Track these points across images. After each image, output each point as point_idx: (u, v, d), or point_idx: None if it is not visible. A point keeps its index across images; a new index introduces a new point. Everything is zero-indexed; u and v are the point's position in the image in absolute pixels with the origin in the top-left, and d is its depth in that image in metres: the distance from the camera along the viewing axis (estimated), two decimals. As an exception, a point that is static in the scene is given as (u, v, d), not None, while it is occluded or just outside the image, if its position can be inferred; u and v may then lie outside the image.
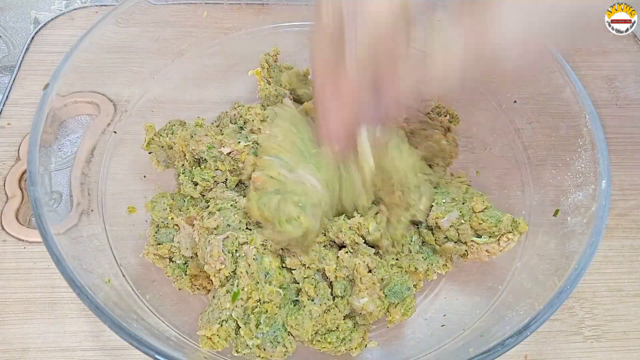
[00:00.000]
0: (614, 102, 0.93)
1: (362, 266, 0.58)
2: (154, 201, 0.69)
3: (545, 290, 0.57)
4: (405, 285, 0.63)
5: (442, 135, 0.72)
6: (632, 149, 0.87)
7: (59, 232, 0.58)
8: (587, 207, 0.62)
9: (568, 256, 0.60)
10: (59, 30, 0.94)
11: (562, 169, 0.70)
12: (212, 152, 0.67)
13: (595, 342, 0.70)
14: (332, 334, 0.59)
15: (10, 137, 0.81)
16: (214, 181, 0.69)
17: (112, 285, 0.61)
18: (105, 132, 0.75)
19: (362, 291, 0.58)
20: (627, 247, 0.78)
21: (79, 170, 0.70)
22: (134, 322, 0.56)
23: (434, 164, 0.73)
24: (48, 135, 0.63)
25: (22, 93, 0.86)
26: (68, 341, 0.67)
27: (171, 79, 0.83)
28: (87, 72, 0.71)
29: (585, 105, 0.66)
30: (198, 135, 0.67)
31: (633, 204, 0.82)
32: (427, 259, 0.68)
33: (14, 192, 0.76)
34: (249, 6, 0.87)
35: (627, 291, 0.74)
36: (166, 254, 0.65)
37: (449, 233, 0.66)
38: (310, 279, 0.60)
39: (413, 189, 0.66)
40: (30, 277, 0.71)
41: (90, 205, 0.68)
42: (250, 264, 0.58)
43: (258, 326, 0.57)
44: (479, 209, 0.65)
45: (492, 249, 0.65)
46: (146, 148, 0.71)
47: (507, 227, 0.64)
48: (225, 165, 0.67)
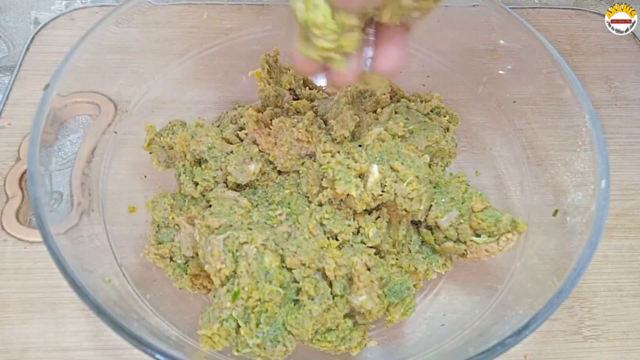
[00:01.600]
0: (613, 102, 0.93)
1: (360, 264, 0.58)
2: (154, 201, 0.69)
3: (545, 290, 0.58)
4: (405, 285, 0.63)
5: (442, 136, 0.72)
6: (632, 149, 0.87)
7: (59, 232, 0.58)
8: (586, 207, 0.62)
9: (567, 256, 0.60)
10: (59, 30, 0.94)
11: (561, 168, 0.70)
12: (213, 152, 0.68)
13: (595, 342, 0.70)
14: (332, 333, 0.59)
15: (11, 137, 0.82)
16: (214, 181, 0.69)
17: (113, 285, 0.62)
18: (106, 132, 0.75)
19: (360, 289, 0.58)
20: (626, 247, 0.78)
21: (80, 170, 0.70)
22: (134, 322, 0.56)
23: (433, 164, 0.73)
24: (48, 135, 0.63)
25: (22, 93, 0.86)
26: (68, 341, 0.67)
27: (172, 79, 0.83)
28: (88, 72, 0.71)
29: (585, 105, 0.66)
30: (199, 135, 0.67)
31: (633, 204, 0.82)
32: (426, 259, 0.68)
33: (15, 192, 0.76)
34: (250, 7, 0.87)
35: (627, 291, 0.75)
36: (167, 253, 0.65)
37: (449, 232, 0.66)
38: (310, 278, 0.60)
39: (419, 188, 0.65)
40: (30, 277, 0.71)
41: (91, 205, 0.69)
42: (250, 264, 0.58)
43: (258, 325, 0.57)
44: (478, 208, 0.65)
45: (491, 248, 0.65)
46: (147, 148, 0.71)
47: (507, 227, 0.64)
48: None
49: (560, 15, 1.04)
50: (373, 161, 0.64)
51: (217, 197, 0.67)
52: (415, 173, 0.64)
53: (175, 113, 0.78)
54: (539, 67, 0.73)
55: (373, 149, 0.66)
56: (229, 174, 0.67)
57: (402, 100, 0.78)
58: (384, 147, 0.66)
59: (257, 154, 0.68)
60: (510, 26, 0.76)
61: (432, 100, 0.79)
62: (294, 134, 0.66)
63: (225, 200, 0.65)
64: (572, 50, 0.98)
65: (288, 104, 0.76)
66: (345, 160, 0.64)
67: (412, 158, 0.66)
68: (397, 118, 0.72)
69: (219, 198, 0.67)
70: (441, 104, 0.79)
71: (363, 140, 0.68)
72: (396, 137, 0.68)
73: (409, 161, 0.65)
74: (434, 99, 0.79)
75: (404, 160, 0.65)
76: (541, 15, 1.04)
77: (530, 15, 1.03)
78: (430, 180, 0.69)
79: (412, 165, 0.65)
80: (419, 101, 0.78)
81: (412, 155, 0.66)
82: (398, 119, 0.71)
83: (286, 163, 0.68)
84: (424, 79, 0.86)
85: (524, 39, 0.74)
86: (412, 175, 0.63)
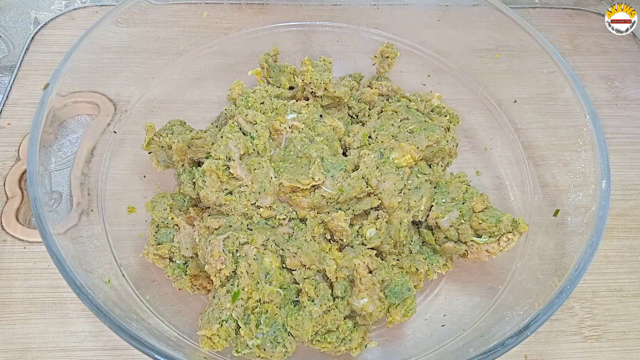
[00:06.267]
0: (614, 102, 0.93)
1: (362, 267, 0.58)
2: (154, 201, 0.69)
3: (546, 291, 0.57)
4: (406, 286, 0.63)
5: (442, 135, 0.72)
6: (632, 149, 0.87)
7: (59, 232, 0.58)
8: (587, 207, 0.62)
9: (568, 256, 0.60)
10: (59, 30, 0.94)
11: (562, 169, 0.70)
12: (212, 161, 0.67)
13: (595, 342, 0.70)
14: (332, 334, 0.59)
15: (10, 137, 0.81)
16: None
17: (112, 285, 0.61)
18: (105, 132, 0.75)
19: (362, 292, 0.58)
20: (627, 247, 0.78)
21: (79, 170, 0.70)
22: (133, 322, 0.56)
23: (434, 164, 0.73)
24: (48, 135, 0.63)
25: (22, 93, 0.86)
26: (68, 341, 0.67)
27: (171, 79, 0.83)
28: (87, 72, 0.71)
29: (585, 105, 0.66)
30: (195, 146, 0.67)
31: (633, 204, 0.82)
32: (427, 259, 0.68)
33: (14, 192, 0.76)
34: (249, 6, 0.87)
35: (627, 291, 0.74)
36: (166, 254, 0.65)
37: (449, 233, 0.66)
38: (310, 280, 0.60)
39: (414, 190, 0.66)
40: (30, 277, 0.71)
41: (90, 205, 0.68)
42: (250, 264, 0.58)
43: (258, 326, 0.57)
44: (479, 208, 0.65)
45: (492, 248, 0.65)
46: (146, 148, 0.71)
47: (507, 227, 0.64)
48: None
49: (561, 15, 1.04)
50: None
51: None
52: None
53: (174, 113, 0.78)
54: (539, 66, 0.73)
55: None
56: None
57: (402, 99, 0.78)
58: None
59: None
60: (510, 26, 0.76)
61: (433, 99, 0.78)
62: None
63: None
64: (573, 50, 0.98)
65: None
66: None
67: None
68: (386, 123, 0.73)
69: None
70: (442, 104, 0.79)
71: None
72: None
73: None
74: (435, 98, 0.79)
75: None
76: (541, 15, 1.04)
77: (531, 15, 1.03)
78: (430, 180, 0.69)
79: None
80: (420, 101, 0.78)
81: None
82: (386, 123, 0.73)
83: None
84: (425, 78, 0.86)
85: (525, 39, 0.74)
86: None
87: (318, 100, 0.73)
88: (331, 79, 0.72)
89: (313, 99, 0.73)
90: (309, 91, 0.72)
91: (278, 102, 0.72)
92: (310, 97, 0.73)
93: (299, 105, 0.71)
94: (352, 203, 0.66)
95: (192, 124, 0.74)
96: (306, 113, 0.71)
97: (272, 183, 0.64)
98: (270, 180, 0.64)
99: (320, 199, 0.63)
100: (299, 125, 0.69)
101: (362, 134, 0.71)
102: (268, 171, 0.64)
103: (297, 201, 0.64)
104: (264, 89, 0.74)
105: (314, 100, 0.73)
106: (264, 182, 0.63)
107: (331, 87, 0.71)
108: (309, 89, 0.72)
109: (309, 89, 0.72)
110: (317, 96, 0.72)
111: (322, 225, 0.65)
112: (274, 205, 0.65)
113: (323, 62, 0.75)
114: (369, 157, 0.66)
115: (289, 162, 0.67)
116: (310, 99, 0.73)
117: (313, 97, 0.73)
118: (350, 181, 0.64)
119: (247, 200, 0.63)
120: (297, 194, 0.64)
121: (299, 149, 0.67)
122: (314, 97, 0.73)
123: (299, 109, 0.71)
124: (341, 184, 0.64)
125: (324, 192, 0.64)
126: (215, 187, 0.62)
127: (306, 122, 0.70)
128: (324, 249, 0.63)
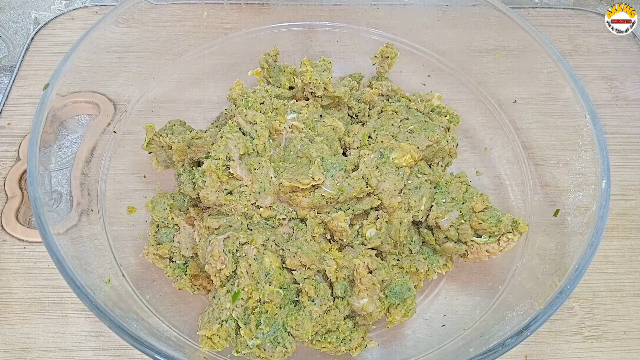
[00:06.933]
0: (614, 102, 0.93)
1: (362, 267, 0.58)
2: (154, 201, 0.69)
3: (546, 290, 0.58)
4: (406, 286, 0.63)
5: (442, 135, 0.72)
6: (632, 149, 0.87)
7: (59, 232, 0.58)
8: (587, 207, 0.62)
9: (568, 256, 0.60)
10: (59, 30, 0.94)
11: (562, 169, 0.70)
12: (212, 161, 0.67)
13: (595, 342, 0.70)
14: (332, 334, 0.59)
15: (10, 137, 0.81)
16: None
17: (112, 286, 0.61)
18: (105, 132, 0.75)
19: (362, 292, 0.58)
20: (627, 247, 0.78)
21: (79, 170, 0.70)
22: (133, 322, 0.56)
23: (434, 164, 0.73)
24: (48, 135, 0.63)
25: (22, 93, 0.86)
26: (68, 341, 0.67)
27: (171, 79, 0.83)
28: (87, 72, 0.71)
29: (585, 105, 0.66)
30: (195, 146, 0.67)
31: (633, 204, 0.82)
32: (427, 259, 0.68)
33: (14, 192, 0.76)
34: (249, 6, 0.87)
35: (627, 291, 0.74)
36: (166, 254, 0.65)
37: (449, 233, 0.66)
38: (310, 280, 0.60)
39: (414, 190, 0.66)
40: (30, 277, 0.71)
41: (90, 205, 0.68)
42: (250, 264, 0.58)
43: (258, 326, 0.57)
44: (479, 208, 0.65)
45: (492, 248, 0.65)
46: (146, 148, 0.71)
47: (507, 227, 0.64)
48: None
49: (561, 15, 1.04)
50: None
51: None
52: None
53: (174, 113, 0.78)
54: (539, 66, 0.73)
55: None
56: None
57: (402, 99, 0.78)
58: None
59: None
60: (510, 26, 0.76)
61: (433, 99, 0.78)
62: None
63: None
64: (573, 50, 0.98)
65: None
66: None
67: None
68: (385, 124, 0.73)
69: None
70: (442, 104, 0.79)
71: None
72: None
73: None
74: (435, 98, 0.79)
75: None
76: (541, 15, 1.04)
77: (531, 15, 1.03)
78: (430, 180, 0.69)
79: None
80: (420, 101, 0.78)
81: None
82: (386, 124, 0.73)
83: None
84: (425, 78, 0.86)
85: (525, 39, 0.74)
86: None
87: (318, 100, 0.73)
88: (331, 79, 0.72)
89: (313, 99, 0.73)
90: (309, 91, 0.72)
91: (278, 102, 0.72)
92: (310, 97, 0.73)
93: (299, 105, 0.72)
94: (352, 203, 0.66)
95: (192, 124, 0.74)
96: (306, 113, 0.71)
97: (272, 183, 0.64)
98: (270, 180, 0.64)
99: (320, 198, 0.63)
100: (298, 125, 0.69)
101: (362, 134, 0.71)
102: (268, 171, 0.64)
103: (297, 201, 0.64)
104: (264, 89, 0.74)
105: (313, 100, 0.73)
106: (264, 182, 0.63)
107: (331, 87, 0.71)
108: (309, 89, 0.72)
109: (309, 89, 0.72)
110: (317, 96, 0.72)
111: (322, 225, 0.65)
112: (274, 205, 0.65)
113: (323, 62, 0.75)
114: (368, 157, 0.66)
115: (288, 162, 0.67)
116: (310, 99, 0.73)
117: (313, 97, 0.73)
118: (350, 181, 0.64)
119: (247, 200, 0.63)
120: (297, 193, 0.64)
121: (298, 149, 0.67)
122: (314, 97, 0.73)
123: (299, 109, 0.71)
124: (341, 184, 0.64)
125: (324, 192, 0.64)
126: (215, 187, 0.62)
127: (306, 122, 0.70)
128: (324, 249, 0.63)
